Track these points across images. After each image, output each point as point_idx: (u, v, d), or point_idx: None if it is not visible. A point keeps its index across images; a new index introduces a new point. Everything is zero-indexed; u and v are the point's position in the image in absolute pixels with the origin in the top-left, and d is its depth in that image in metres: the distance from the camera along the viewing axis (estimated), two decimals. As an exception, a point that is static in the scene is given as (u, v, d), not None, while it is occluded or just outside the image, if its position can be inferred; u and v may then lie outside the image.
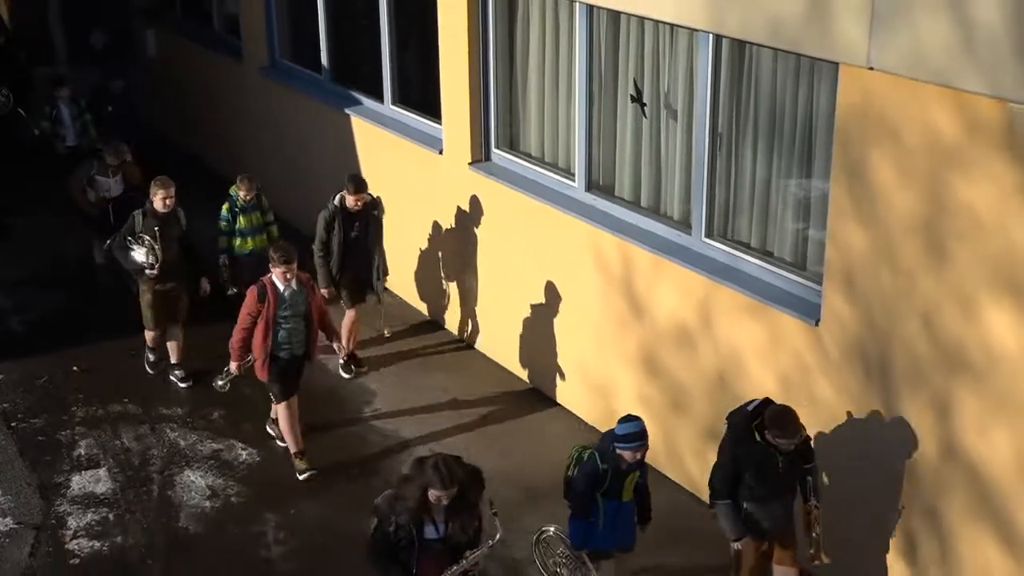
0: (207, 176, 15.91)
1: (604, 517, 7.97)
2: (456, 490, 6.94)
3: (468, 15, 10.97)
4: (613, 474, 7.83)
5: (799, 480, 7.96)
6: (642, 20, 9.46)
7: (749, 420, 7.76)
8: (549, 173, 10.83)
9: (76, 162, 14.00)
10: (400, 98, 12.83)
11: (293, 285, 9.74)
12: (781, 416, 7.63)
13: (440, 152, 11.87)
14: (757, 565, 8.13)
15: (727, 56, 8.88)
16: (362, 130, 13.18)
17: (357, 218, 11.16)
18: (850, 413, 8.28)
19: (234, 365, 10.10)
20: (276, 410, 10.24)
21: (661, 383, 9.83)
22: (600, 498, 7.91)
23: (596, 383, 10.58)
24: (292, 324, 9.80)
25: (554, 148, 10.88)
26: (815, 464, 8.04)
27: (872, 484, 8.15)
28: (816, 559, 8.04)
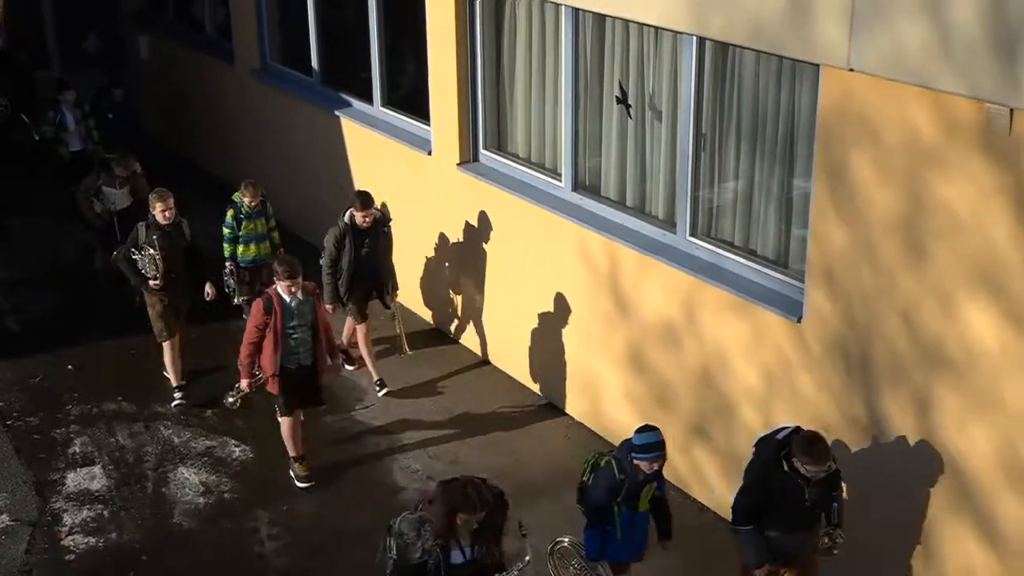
0: (201, 177, 16.00)
1: (620, 527, 7.83)
2: (484, 513, 6.84)
3: (456, 18, 11.03)
4: (630, 484, 7.67)
5: (824, 508, 7.68)
6: (627, 23, 9.53)
7: (777, 449, 7.50)
8: (536, 173, 10.90)
9: (79, 167, 13.90)
10: (389, 100, 12.88)
11: (299, 296, 9.63)
12: (811, 443, 7.35)
13: (429, 153, 11.94)
14: None
15: (710, 58, 8.94)
16: (352, 131, 13.24)
17: (367, 235, 11.02)
18: (832, 409, 8.33)
19: (244, 382, 10.01)
20: (281, 420, 10.09)
21: (647, 380, 9.90)
22: (615, 507, 7.76)
23: (582, 380, 10.66)
24: (300, 334, 9.70)
25: (541, 149, 10.95)
26: (841, 490, 7.78)
27: (853, 480, 8.15)
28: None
